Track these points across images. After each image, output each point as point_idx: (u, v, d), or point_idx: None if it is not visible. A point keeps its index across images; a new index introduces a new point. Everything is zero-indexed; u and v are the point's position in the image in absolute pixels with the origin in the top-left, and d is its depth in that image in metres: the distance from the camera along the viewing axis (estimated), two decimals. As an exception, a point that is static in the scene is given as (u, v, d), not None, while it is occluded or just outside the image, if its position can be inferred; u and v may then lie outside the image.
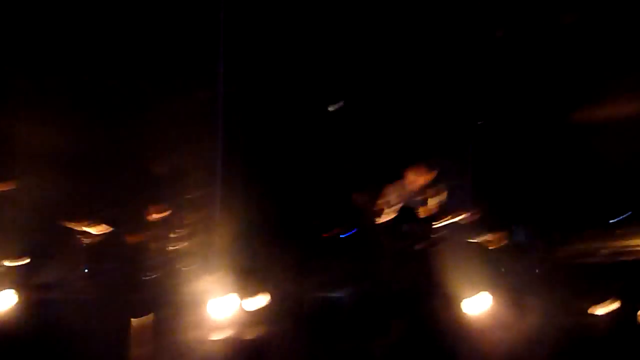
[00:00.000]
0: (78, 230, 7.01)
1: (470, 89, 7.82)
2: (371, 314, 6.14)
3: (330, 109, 8.46)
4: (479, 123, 7.98)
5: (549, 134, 7.88)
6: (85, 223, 6.99)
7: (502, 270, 6.97)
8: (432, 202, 5.36)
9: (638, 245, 7.14)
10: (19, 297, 5.56)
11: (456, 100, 7.82)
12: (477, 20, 7.32)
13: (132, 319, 4.95)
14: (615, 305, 6.53)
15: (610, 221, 7.52)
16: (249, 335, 6.00)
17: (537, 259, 7.35)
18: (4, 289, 5.61)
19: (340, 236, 8.15)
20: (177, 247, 7.24)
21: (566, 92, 7.61)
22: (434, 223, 5.29)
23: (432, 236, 5.28)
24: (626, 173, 7.45)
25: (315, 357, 5.19)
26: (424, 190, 5.39)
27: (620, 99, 7.31)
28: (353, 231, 8.07)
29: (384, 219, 5.38)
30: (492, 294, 6.29)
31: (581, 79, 7.39)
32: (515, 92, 7.80)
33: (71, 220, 7.00)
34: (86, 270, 7.05)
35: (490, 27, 7.42)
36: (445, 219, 5.34)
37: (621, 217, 7.48)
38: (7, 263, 6.35)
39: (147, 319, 4.98)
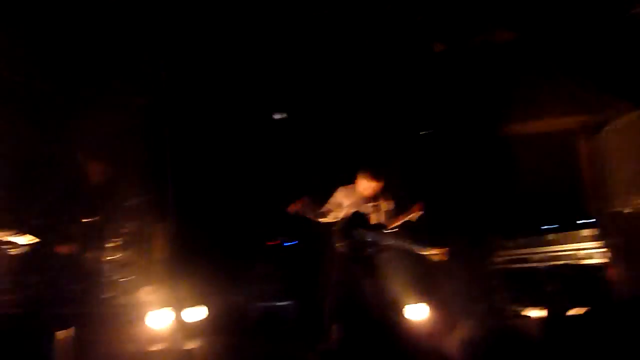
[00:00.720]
0: (3, 241, 6.50)
1: (412, 99, 7.94)
2: (315, 322, 6.00)
3: (276, 116, 8.34)
4: (421, 133, 8.11)
5: (486, 145, 8.10)
6: (11, 233, 6.49)
7: (440, 277, 7.05)
8: (380, 209, 5.32)
9: (567, 251, 7.44)
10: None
11: (400, 111, 7.91)
12: (419, 33, 7.44)
13: (56, 333, 4.57)
14: (546, 309, 6.73)
15: (542, 228, 7.78)
16: (189, 347, 5.70)
17: (473, 266, 7.50)
18: None
19: (284, 244, 8.02)
20: (111, 258, 6.86)
21: (501, 104, 7.85)
22: (379, 230, 5.24)
23: (378, 243, 5.23)
24: (555, 182, 7.76)
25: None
26: (372, 196, 5.34)
27: (552, 111, 7.66)
28: (295, 240, 7.98)
29: (330, 225, 5.28)
30: (431, 302, 6.35)
31: (516, 91, 7.65)
32: (455, 103, 7.98)
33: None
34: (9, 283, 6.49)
35: (431, 41, 7.55)
36: (390, 225, 5.31)
37: (552, 226, 7.75)
38: None
39: (69, 333, 4.61)
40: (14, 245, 6.56)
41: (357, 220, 5.23)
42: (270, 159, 7.68)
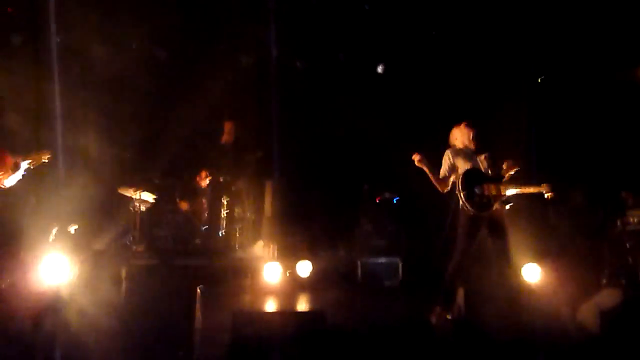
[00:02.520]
0: (132, 198, 6.96)
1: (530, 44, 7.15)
2: (427, 279, 5.79)
3: (379, 69, 7.99)
4: (540, 79, 7.31)
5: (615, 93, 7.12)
6: (139, 190, 6.92)
7: (562, 235, 6.47)
8: (496, 162, 4.82)
9: None
10: (76, 263, 5.48)
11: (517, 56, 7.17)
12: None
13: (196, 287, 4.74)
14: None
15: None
16: (300, 301, 5.80)
17: (597, 225, 6.76)
18: (62, 255, 5.52)
19: (393, 200, 7.80)
20: (229, 214, 7.11)
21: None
22: (498, 186, 4.79)
23: (498, 199, 4.79)
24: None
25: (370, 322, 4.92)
26: (478, 148, 4.85)
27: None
28: (398, 196, 7.71)
29: (446, 181, 4.90)
30: (552, 262, 5.85)
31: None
32: (577, 49, 7.06)
33: (126, 187, 6.95)
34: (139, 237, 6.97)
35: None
36: (510, 182, 4.79)
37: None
38: (63, 230, 6.31)
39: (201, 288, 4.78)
40: (142, 202, 7.03)
41: (476, 176, 4.79)
42: (375, 114, 7.38)
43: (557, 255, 6.04)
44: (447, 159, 4.99)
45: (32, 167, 4.97)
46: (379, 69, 8.01)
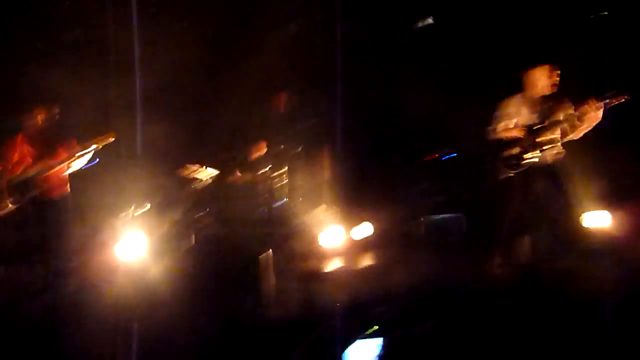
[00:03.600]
0: (192, 175, 7.17)
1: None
2: (488, 234, 5.70)
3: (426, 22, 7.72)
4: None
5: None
6: (198, 167, 7.12)
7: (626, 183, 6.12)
8: (556, 111, 4.57)
9: None
10: (150, 241, 5.75)
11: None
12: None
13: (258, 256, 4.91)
14: None
15: None
16: (362, 264, 5.85)
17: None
18: (134, 232, 5.78)
19: (444, 157, 7.63)
20: (284, 183, 7.21)
21: None
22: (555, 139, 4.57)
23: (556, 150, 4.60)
24: None
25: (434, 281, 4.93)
26: (548, 97, 4.60)
27: None
28: (454, 153, 7.51)
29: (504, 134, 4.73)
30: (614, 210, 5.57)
31: None
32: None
33: (184, 165, 7.17)
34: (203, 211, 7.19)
35: None
36: (576, 131, 4.52)
37: None
38: (139, 208, 6.56)
39: (268, 254, 4.95)
40: (207, 175, 7.23)
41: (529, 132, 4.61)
42: (426, 72, 7.17)
43: (627, 200, 5.74)
44: (507, 104, 4.80)
45: (99, 148, 5.15)
46: (430, 20, 7.73)
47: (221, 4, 7.67)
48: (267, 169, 7.31)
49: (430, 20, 7.89)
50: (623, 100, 4.34)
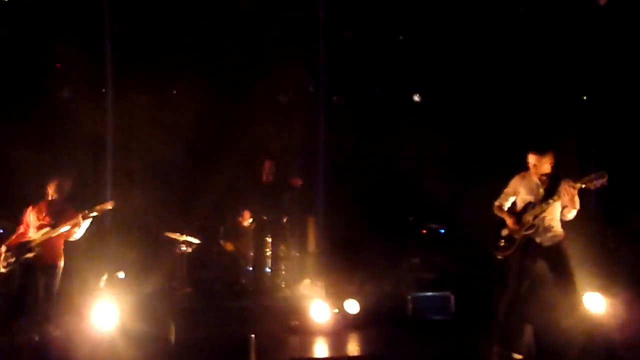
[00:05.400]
0: (176, 241, 6.84)
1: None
2: (481, 313, 5.40)
3: (415, 98, 7.77)
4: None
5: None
6: (184, 233, 6.81)
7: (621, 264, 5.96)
8: (560, 190, 4.41)
9: None
10: (121, 309, 5.35)
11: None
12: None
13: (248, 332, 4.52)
14: None
15: None
16: (352, 342, 5.46)
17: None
18: (106, 301, 5.46)
19: (440, 231, 7.43)
20: (273, 252, 6.89)
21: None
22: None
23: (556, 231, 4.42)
24: None
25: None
26: (549, 175, 4.46)
27: None
28: (449, 227, 7.34)
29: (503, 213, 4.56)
30: (610, 292, 5.38)
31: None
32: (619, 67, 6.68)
33: (169, 231, 6.86)
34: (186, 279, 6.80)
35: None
36: (570, 205, 4.37)
37: None
38: (108, 277, 6.25)
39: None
40: (188, 244, 6.89)
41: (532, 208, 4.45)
42: (415, 145, 7.12)
43: (620, 284, 5.56)
44: (513, 182, 4.67)
45: (97, 216, 5.22)
46: (416, 98, 7.78)
47: (208, 76, 7.68)
48: (251, 239, 7.03)
49: (416, 98, 7.95)
50: (604, 183, 4.23)
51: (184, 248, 6.92)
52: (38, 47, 7.25)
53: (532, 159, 4.50)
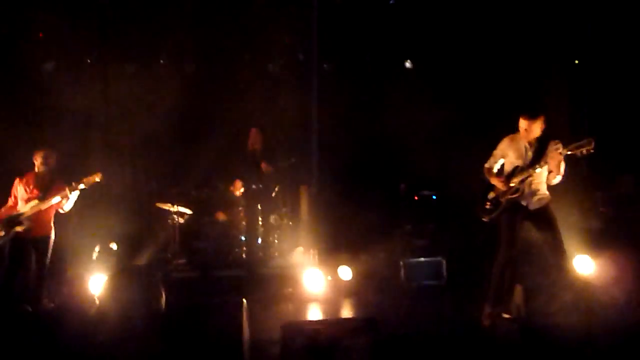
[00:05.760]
0: (168, 211, 6.80)
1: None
2: (472, 277, 5.45)
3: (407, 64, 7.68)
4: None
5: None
6: (177, 204, 6.76)
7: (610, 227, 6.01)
8: (547, 152, 4.40)
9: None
10: (117, 280, 5.34)
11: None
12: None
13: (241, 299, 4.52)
14: None
15: None
16: (345, 307, 5.51)
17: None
18: (99, 273, 5.46)
19: (432, 197, 7.42)
20: (265, 222, 6.87)
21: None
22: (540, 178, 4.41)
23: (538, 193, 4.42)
24: None
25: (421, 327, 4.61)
26: (537, 139, 4.44)
27: None
28: (435, 193, 7.33)
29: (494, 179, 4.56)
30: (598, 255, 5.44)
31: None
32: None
33: (162, 202, 6.81)
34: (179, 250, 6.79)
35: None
36: (555, 168, 4.37)
37: None
38: (101, 249, 6.23)
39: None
40: (180, 215, 6.85)
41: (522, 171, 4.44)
42: (406, 111, 7.05)
43: (609, 246, 5.61)
44: (502, 144, 4.65)
45: (85, 188, 5.20)
46: (407, 64, 7.70)
47: (195, 45, 7.53)
48: (243, 208, 6.99)
49: (407, 64, 7.86)
50: (590, 150, 4.22)
51: (176, 219, 6.88)
52: (20, 17, 7.06)
53: (523, 123, 4.48)
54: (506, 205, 4.49)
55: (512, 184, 4.47)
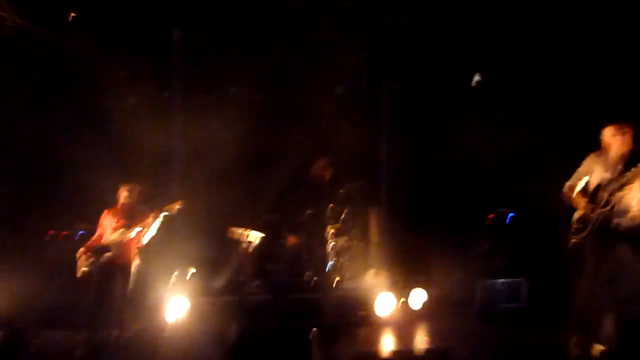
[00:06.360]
0: (243, 235, 6.93)
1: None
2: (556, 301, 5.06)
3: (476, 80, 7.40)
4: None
5: None
6: (249, 228, 6.88)
7: None
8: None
9: None
10: (192, 303, 5.50)
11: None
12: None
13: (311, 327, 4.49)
14: None
15: None
16: (418, 335, 5.29)
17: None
18: (178, 297, 5.62)
19: (509, 215, 7.04)
20: (336, 245, 6.81)
21: None
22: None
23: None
24: None
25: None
26: (626, 153, 4.07)
27: None
28: (514, 214, 6.92)
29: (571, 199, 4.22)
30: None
31: None
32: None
33: (235, 226, 6.95)
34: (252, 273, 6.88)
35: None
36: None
37: None
38: (182, 274, 6.42)
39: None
40: (252, 239, 6.94)
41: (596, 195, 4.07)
42: (479, 128, 6.75)
43: None
44: (587, 162, 4.31)
45: (168, 216, 5.49)
46: (476, 77, 7.41)
47: (269, 71, 7.69)
48: (313, 232, 6.99)
49: (477, 77, 7.57)
50: None
51: (249, 243, 6.99)
52: (106, 58, 7.57)
53: (607, 134, 4.13)
54: (595, 222, 4.13)
55: (600, 198, 4.12)
